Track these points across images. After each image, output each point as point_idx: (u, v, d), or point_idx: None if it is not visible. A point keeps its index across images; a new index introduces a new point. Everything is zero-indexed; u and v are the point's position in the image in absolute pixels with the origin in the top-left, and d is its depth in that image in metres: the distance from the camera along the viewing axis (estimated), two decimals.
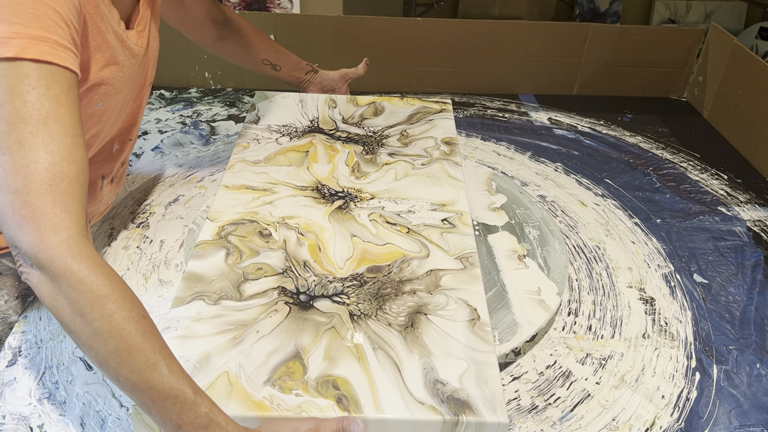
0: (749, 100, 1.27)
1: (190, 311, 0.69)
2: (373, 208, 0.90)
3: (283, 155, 0.99)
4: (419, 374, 0.64)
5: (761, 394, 0.76)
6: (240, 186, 0.91)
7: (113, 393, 0.70)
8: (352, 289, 0.75)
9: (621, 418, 0.71)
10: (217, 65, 1.40)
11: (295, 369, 0.64)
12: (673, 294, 0.90)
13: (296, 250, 0.80)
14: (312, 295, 0.73)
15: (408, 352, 0.67)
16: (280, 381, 0.62)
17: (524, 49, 1.44)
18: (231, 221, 0.83)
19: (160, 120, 1.28)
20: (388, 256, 0.80)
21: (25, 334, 0.77)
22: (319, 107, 1.14)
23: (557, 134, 1.32)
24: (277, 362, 0.64)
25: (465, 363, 0.66)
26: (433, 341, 0.68)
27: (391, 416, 0.60)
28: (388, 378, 0.63)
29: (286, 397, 0.60)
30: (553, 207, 1.07)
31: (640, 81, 1.50)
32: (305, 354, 0.65)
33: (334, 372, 0.64)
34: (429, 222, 0.87)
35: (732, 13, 2.62)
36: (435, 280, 0.77)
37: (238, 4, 2.18)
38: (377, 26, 1.39)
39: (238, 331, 0.67)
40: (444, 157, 1.02)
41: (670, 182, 1.17)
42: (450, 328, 0.70)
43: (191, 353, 0.64)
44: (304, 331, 0.68)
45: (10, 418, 0.67)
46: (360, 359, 0.65)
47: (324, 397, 0.61)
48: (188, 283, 0.73)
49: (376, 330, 0.69)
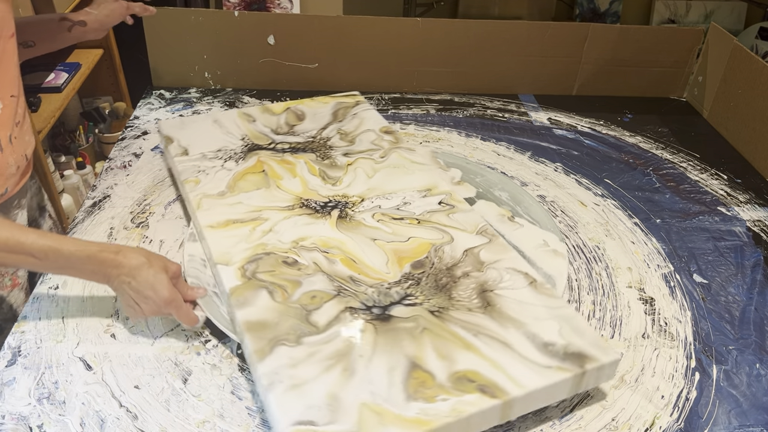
0: (749, 100, 1.27)
1: (281, 359, 0.66)
2: (371, 209, 0.90)
3: (242, 180, 0.95)
4: (528, 343, 0.69)
5: (761, 394, 0.76)
6: (225, 222, 0.86)
7: (112, 393, 0.70)
8: (413, 289, 0.77)
9: (621, 418, 0.71)
10: (217, 65, 1.40)
11: (424, 377, 0.64)
12: (673, 294, 0.90)
13: (333, 268, 0.79)
14: (383, 305, 0.74)
15: (503, 328, 0.71)
16: (418, 393, 0.63)
17: (524, 49, 1.44)
18: (246, 259, 0.80)
19: (160, 120, 1.28)
20: (419, 249, 0.83)
21: (25, 334, 0.77)
22: (239, 124, 1.10)
23: (557, 134, 1.32)
24: (403, 377, 0.64)
25: (554, 321, 0.71)
26: (516, 312, 0.73)
27: (532, 388, 0.64)
28: (506, 356, 0.67)
29: (436, 405, 0.61)
30: (553, 207, 1.07)
31: (640, 81, 1.50)
32: (421, 361, 0.66)
33: (459, 367, 0.66)
34: (429, 208, 0.90)
35: (732, 13, 2.62)
36: (476, 258, 0.81)
37: (238, 4, 2.18)
38: (377, 26, 1.39)
39: (343, 362, 0.66)
40: (395, 146, 1.04)
41: (669, 182, 1.17)
42: (521, 296, 0.75)
43: (315, 399, 0.62)
44: (403, 341, 0.69)
45: (9, 417, 0.67)
46: (471, 349, 0.68)
47: (467, 392, 0.63)
48: (255, 333, 0.69)
49: (464, 318, 0.72)
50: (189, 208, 0.92)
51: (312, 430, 0.59)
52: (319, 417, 0.60)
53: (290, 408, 0.61)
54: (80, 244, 0.71)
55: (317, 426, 0.59)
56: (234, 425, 0.68)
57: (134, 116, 1.29)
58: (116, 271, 0.71)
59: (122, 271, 0.71)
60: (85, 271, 0.71)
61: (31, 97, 1.76)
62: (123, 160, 1.14)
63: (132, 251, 0.72)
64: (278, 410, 0.61)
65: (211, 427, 0.67)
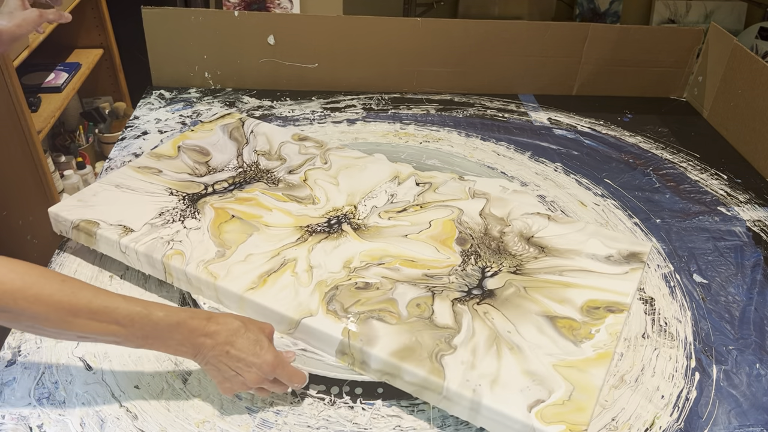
0: (749, 100, 1.27)
1: (457, 368, 0.68)
2: (372, 212, 0.90)
3: (225, 234, 0.85)
4: (597, 264, 0.84)
5: (761, 394, 0.76)
6: (258, 278, 0.78)
7: (112, 393, 0.70)
8: (481, 261, 0.83)
9: (621, 418, 0.71)
10: (217, 65, 1.40)
11: (568, 323, 0.74)
12: (673, 294, 0.90)
13: (403, 274, 0.80)
14: (475, 285, 0.79)
15: (571, 260, 0.84)
16: (578, 335, 0.73)
17: (524, 49, 1.44)
18: (323, 302, 0.75)
19: (160, 120, 1.28)
20: (446, 228, 0.89)
21: (25, 334, 0.77)
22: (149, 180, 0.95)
23: (557, 134, 1.32)
24: (556, 331, 0.73)
25: (594, 239, 0.88)
26: (564, 244, 0.87)
27: (631, 290, 0.80)
28: (597, 279, 0.81)
29: (598, 337, 0.73)
30: (553, 207, 1.07)
31: (640, 81, 1.50)
32: (552, 312, 0.76)
33: (579, 302, 0.77)
34: (415, 192, 0.96)
35: (732, 13, 2.62)
36: (494, 217, 0.92)
37: (238, 4, 2.18)
38: (377, 26, 1.39)
39: (500, 342, 0.71)
40: (327, 149, 1.07)
41: (669, 182, 1.17)
42: (554, 231, 0.89)
43: (520, 382, 0.67)
44: (522, 304, 0.76)
45: (9, 417, 0.67)
46: (570, 286, 0.80)
47: (603, 317, 0.76)
48: (411, 359, 0.68)
49: (540, 266, 0.83)
50: (195, 284, 0.79)
51: (545, 407, 0.63)
52: (540, 394, 0.65)
53: (510, 401, 0.64)
54: (170, 310, 0.63)
55: (546, 401, 0.64)
56: (234, 425, 0.68)
57: (134, 116, 1.29)
58: (210, 341, 0.63)
59: (218, 340, 0.63)
60: (171, 341, 0.62)
61: (31, 97, 1.76)
62: (123, 160, 1.14)
63: (225, 317, 0.65)
64: (505, 408, 0.64)
65: (211, 427, 0.67)
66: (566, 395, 0.65)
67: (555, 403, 0.64)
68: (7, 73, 1.52)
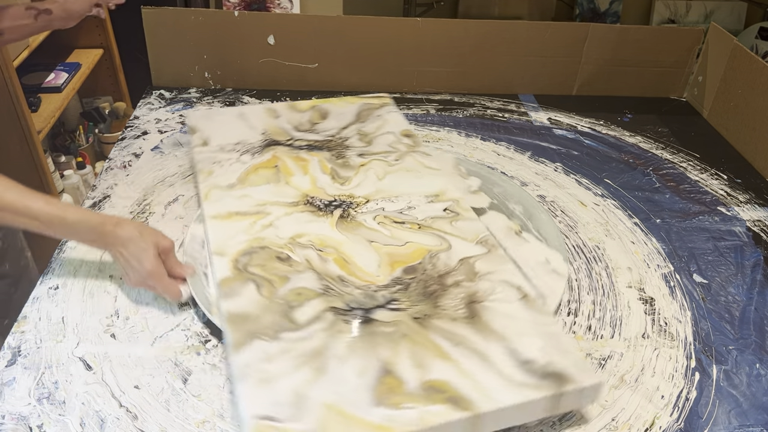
0: (749, 100, 1.27)
1: (255, 353, 0.67)
2: (374, 211, 0.90)
3: (254, 174, 0.97)
4: (507, 359, 0.66)
5: (761, 394, 0.76)
6: (228, 213, 0.88)
7: (112, 393, 0.70)
8: (400, 294, 0.75)
9: (620, 418, 0.71)
10: (217, 65, 1.40)
11: (393, 384, 0.64)
12: (673, 294, 0.90)
13: (324, 267, 0.79)
14: (366, 308, 0.73)
15: (485, 341, 0.68)
16: (386, 399, 0.62)
17: (524, 49, 1.44)
18: (241, 251, 0.81)
19: (160, 120, 1.28)
20: (415, 254, 0.81)
21: (25, 334, 0.77)
22: (263, 119, 1.12)
23: (557, 134, 1.32)
24: (372, 382, 0.64)
25: (539, 338, 0.68)
26: (502, 326, 0.70)
27: (503, 404, 0.61)
28: (482, 370, 0.65)
29: (402, 413, 0.60)
30: (553, 207, 1.07)
31: (640, 81, 1.50)
32: (393, 367, 0.65)
33: (431, 376, 0.64)
34: (433, 214, 0.89)
35: (732, 13, 2.62)
36: (470, 268, 0.79)
37: (238, 4, 2.18)
38: (377, 26, 1.39)
39: (315, 361, 0.66)
40: (411, 150, 1.03)
41: (669, 182, 1.17)
42: (509, 310, 0.73)
43: (282, 396, 0.62)
44: (380, 345, 0.68)
45: (9, 417, 0.67)
46: (447, 359, 0.66)
47: (435, 402, 0.61)
48: (235, 325, 0.70)
49: (446, 327, 0.70)
50: (199, 198, 0.95)
51: (273, 426, 0.59)
52: (283, 414, 0.61)
53: (256, 402, 0.62)
54: (84, 213, 0.77)
55: (279, 422, 0.60)
56: (234, 425, 0.68)
57: (134, 116, 1.29)
58: (112, 242, 0.77)
59: (117, 241, 0.76)
60: (86, 239, 0.78)
61: (31, 97, 1.76)
62: (123, 160, 1.14)
63: (128, 224, 0.77)
64: (245, 403, 0.62)
65: (211, 427, 0.67)
66: (303, 429, 0.59)
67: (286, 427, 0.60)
68: (7, 73, 1.52)
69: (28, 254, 1.19)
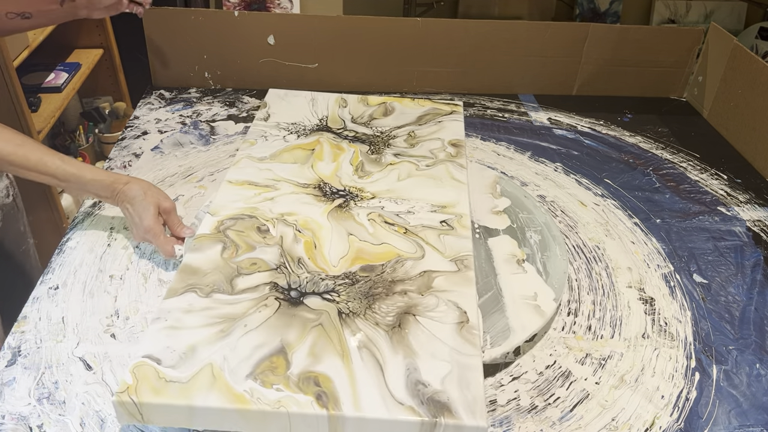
0: (749, 100, 1.27)
1: (182, 303, 0.70)
2: (373, 208, 0.90)
3: (288, 153, 1.01)
4: (402, 375, 0.64)
5: (761, 394, 0.76)
6: (243, 182, 0.92)
7: (113, 393, 0.70)
8: (343, 287, 0.75)
9: (620, 418, 0.71)
10: (217, 65, 1.40)
11: (279, 364, 0.64)
12: (673, 294, 0.90)
13: (292, 246, 0.81)
14: (303, 291, 0.74)
15: (393, 352, 0.66)
16: (263, 375, 0.62)
17: (524, 49, 1.44)
18: (230, 216, 0.85)
19: (160, 120, 1.28)
20: (383, 255, 0.80)
21: (25, 334, 0.77)
22: (330, 106, 1.15)
23: (557, 134, 1.32)
24: (261, 357, 0.65)
25: (449, 365, 0.65)
26: (419, 342, 0.68)
27: (369, 415, 0.60)
28: (370, 377, 0.63)
29: (267, 392, 0.61)
30: (553, 207, 1.07)
31: (640, 81, 1.50)
32: (290, 350, 0.66)
33: (317, 369, 0.64)
34: (427, 223, 0.87)
35: (732, 13, 2.62)
36: (427, 282, 0.77)
37: (238, 4, 2.18)
38: (377, 26, 1.39)
39: (226, 324, 0.68)
40: (449, 159, 1.01)
41: (669, 182, 1.17)
42: (437, 329, 0.69)
43: (178, 344, 0.65)
44: (291, 327, 0.68)
45: (9, 417, 0.67)
46: (344, 357, 0.65)
47: (304, 393, 0.61)
48: (183, 275, 0.74)
49: (362, 329, 0.69)
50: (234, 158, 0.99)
51: (151, 365, 0.63)
52: (167, 359, 0.63)
53: (154, 342, 0.65)
54: (98, 173, 0.86)
55: (158, 364, 0.63)
56: None
57: (134, 116, 1.29)
58: (122, 198, 0.85)
59: (125, 198, 0.85)
60: (99, 196, 0.87)
61: (31, 97, 1.76)
62: (123, 160, 1.14)
63: (136, 184, 0.86)
64: (144, 340, 0.66)
65: None
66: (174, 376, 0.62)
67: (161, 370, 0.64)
68: (7, 73, 1.52)
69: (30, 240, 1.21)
